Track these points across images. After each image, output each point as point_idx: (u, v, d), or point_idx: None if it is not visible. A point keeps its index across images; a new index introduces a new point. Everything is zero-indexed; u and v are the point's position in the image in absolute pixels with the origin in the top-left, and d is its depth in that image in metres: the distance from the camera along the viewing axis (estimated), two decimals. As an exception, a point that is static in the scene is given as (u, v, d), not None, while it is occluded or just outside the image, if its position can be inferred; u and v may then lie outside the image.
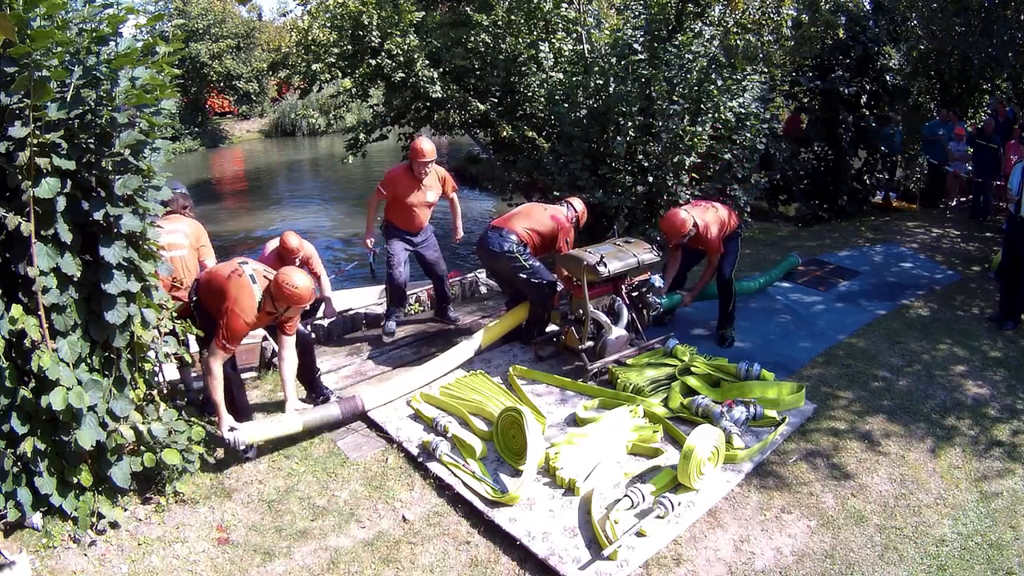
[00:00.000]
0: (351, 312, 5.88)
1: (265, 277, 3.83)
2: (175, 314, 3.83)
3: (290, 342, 4.02)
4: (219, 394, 3.70)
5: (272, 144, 28.99)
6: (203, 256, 4.57)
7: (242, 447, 3.72)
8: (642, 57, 7.63)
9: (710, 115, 7.60)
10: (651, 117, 7.59)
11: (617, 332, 4.78)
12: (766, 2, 8.27)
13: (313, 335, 5.29)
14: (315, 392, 4.54)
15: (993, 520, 3.49)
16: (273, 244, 4.99)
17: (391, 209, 5.40)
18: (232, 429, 3.68)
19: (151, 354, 3.58)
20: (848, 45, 10.48)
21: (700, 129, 7.45)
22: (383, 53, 9.36)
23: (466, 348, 4.89)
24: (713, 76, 7.53)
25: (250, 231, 14.48)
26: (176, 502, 3.55)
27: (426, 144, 5.12)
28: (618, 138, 7.43)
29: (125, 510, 3.38)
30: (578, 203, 5.46)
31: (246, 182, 21.54)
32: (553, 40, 9.33)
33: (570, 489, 3.52)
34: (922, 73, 12.60)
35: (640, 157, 7.63)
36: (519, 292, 5.26)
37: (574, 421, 4.17)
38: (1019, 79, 12.07)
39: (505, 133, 9.49)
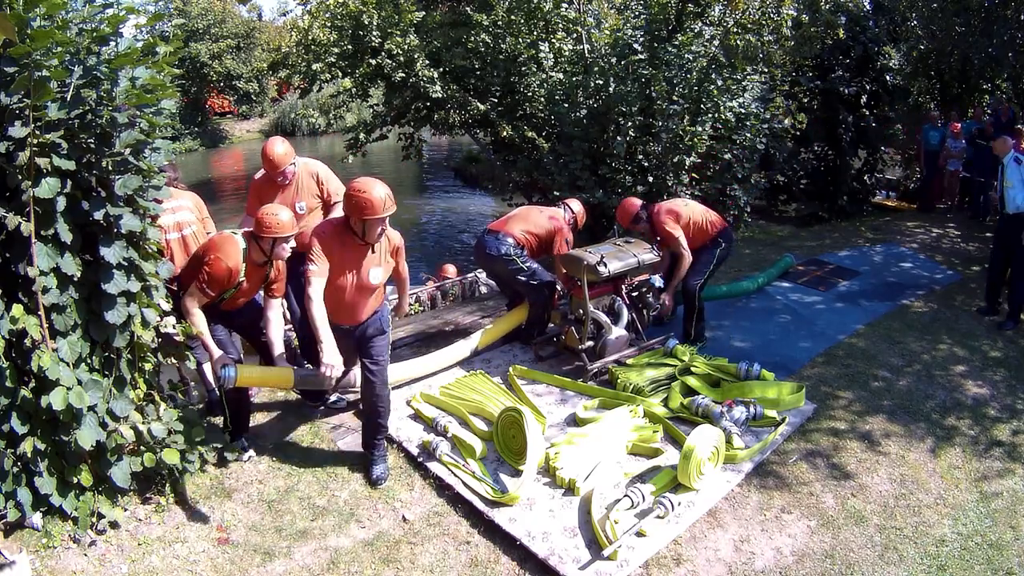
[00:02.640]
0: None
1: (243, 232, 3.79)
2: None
3: (276, 304, 3.96)
4: (204, 329, 3.62)
5: (272, 144, 28.94)
6: (207, 228, 4.42)
7: (231, 384, 3.60)
8: (642, 57, 7.62)
9: (710, 115, 7.59)
10: (651, 117, 7.59)
11: (617, 332, 4.78)
12: (766, 2, 8.26)
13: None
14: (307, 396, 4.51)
15: (993, 520, 3.49)
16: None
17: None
18: (224, 366, 3.59)
19: (151, 354, 3.57)
20: (848, 45, 10.47)
21: (700, 129, 7.45)
22: (383, 53, 9.36)
23: (464, 347, 4.88)
24: (713, 76, 7.53)
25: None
26: (176, 502, 3.54)
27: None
28: (618, 138, 7.43)
29: (125, 510, 3.38)
30: (576, 204, 5.46)
31: (246, 182, 21.53)
32: (553, 40, 9.33)
33: (570, 489, 3.52)
34: (922, 73, 12.61)
35: (640, 157, 7.63)
36: (518, 293, 5.26)
37: (574, 421, 4.17)
38: (1019, 79, 12.06)
39: (505, 133, 9.49)
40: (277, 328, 3.95)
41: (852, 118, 10.73)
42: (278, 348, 3.91)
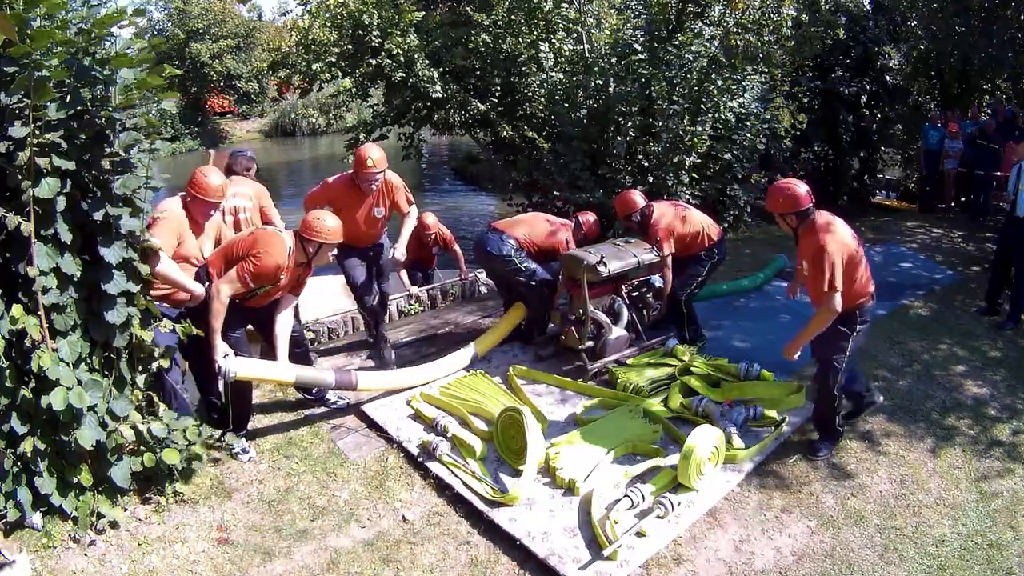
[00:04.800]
0: (350, 312, 5.87)
1: (288, 231, 3.88)
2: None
3: (291, 301, 3.99)
4: (218, 321, 3.61)
5: (272, 144, 28.97)
6: (269, 215, 4.79)
7: (231, 378, 3.61)
8: (642, 57, 7.63)
9: (710, 115, 7.60)
10: (651, 117, 7.60)
11: (617, 332, 4.78)
12: (766, 2, 8.27)
13: (311, 336, 5.29)
14: (308, 392, 4.51)
15: (993, 520, 3.49)
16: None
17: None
18: (225, 356, 3.60)
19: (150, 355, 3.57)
20: (848, 45, 10.49)
21: (700, 129, 7.46)
22: (383, 53, 9.36)
23: (465, 355, 4.86)
24: (713, 76, 7.54)
25: (250, 231, 14.47)
26: (176, 502, 3.54)
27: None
28: (618, 138, 7.44)
29: (125, 510, 3.38)
30: (587, 217, 5.32)
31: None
32: (553, 40, 9.34)
33: (570, 489, 3.52)
34: (922, 73, 12.61)
35: (640, 157, 7.64)
36: (515, 294, 5.25)
37: (574, 421, 4.17)
38: (1019, 79, 12.07)
39: (505, 133, 9.50)
40: (286, 325, 3.98)
41: (852, 118, 10.73)
42: (282, 353, 3.94)
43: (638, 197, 5.19)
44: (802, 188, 3.49)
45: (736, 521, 3.43)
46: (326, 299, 6.02)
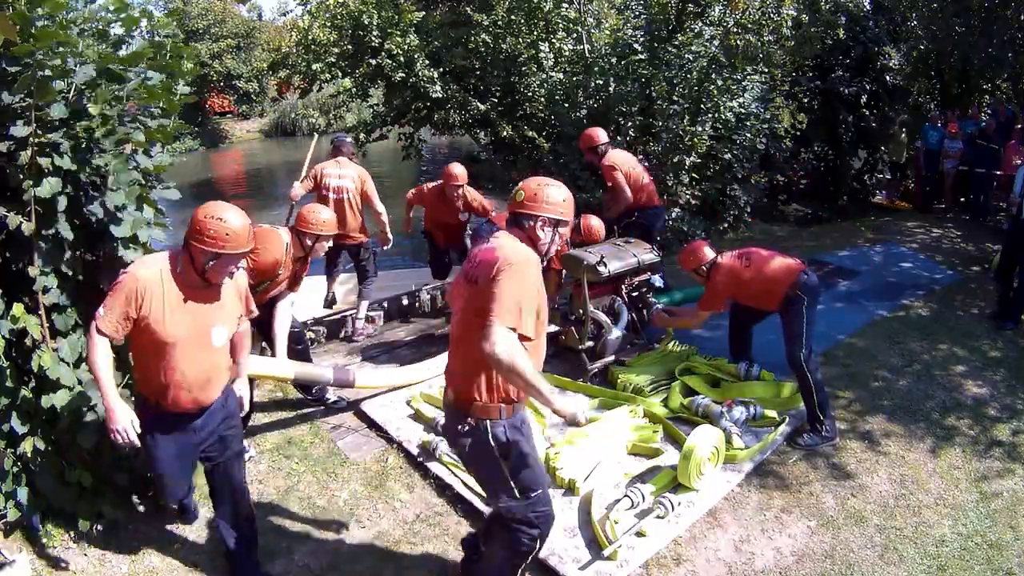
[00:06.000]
0: (349, 312, 5.87)
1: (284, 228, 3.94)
2: None
3: (288, 298, 4.02)
4: None
5: (272, 144, 28.94)
6: (371, 198, 5.26)
7: None
8: (642, 57, 7.63)
9: (710, 115, 7.60)
10: (651, 117, 7.60)
11: (617, 332, 4.78)
12: (766, 2, 8.26)
13: (311, 336, 5.29)
14: (308, 392, 4.51)
15: (993, 520, 3.49)
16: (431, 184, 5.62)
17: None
18: None
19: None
20: (848, 45, 10.47)
21: (700, 129, 7.45)
22: (383, 53, 9.36)
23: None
24: (713, 76, 7.54)
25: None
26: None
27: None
28: (618, 138, 7.44)
29: (125, 510, 3.38)
30: (591, 222, 5.17)
31: (246, 182, 21.53)
32: (553, 40, 9.34)
33: (570, 489, 3.52)
34: (922, 73, 12.59)
35: (640, 157, 7.63)
36: None
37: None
38: (1019, 79, 12.06)
39: (505, 133, 9.50)
40: (284, 322, 3.99)
41: (852, 118, 10.72)
42: (281, 349, 3.94)
43: (601, 134, 5.65)
44: (705, 248, 4.44)
45: (736, 521, 3.43)
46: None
